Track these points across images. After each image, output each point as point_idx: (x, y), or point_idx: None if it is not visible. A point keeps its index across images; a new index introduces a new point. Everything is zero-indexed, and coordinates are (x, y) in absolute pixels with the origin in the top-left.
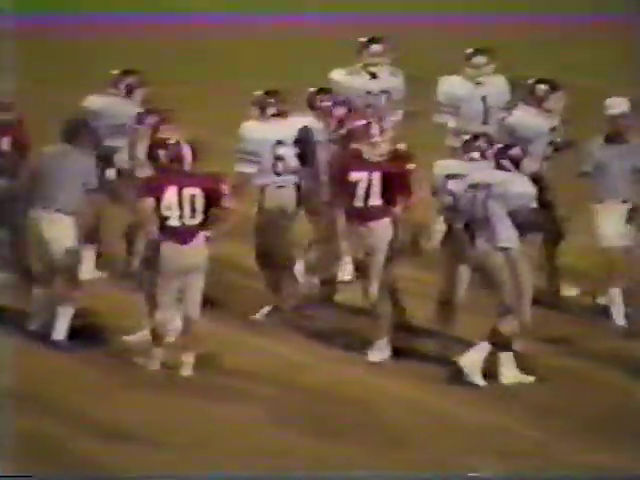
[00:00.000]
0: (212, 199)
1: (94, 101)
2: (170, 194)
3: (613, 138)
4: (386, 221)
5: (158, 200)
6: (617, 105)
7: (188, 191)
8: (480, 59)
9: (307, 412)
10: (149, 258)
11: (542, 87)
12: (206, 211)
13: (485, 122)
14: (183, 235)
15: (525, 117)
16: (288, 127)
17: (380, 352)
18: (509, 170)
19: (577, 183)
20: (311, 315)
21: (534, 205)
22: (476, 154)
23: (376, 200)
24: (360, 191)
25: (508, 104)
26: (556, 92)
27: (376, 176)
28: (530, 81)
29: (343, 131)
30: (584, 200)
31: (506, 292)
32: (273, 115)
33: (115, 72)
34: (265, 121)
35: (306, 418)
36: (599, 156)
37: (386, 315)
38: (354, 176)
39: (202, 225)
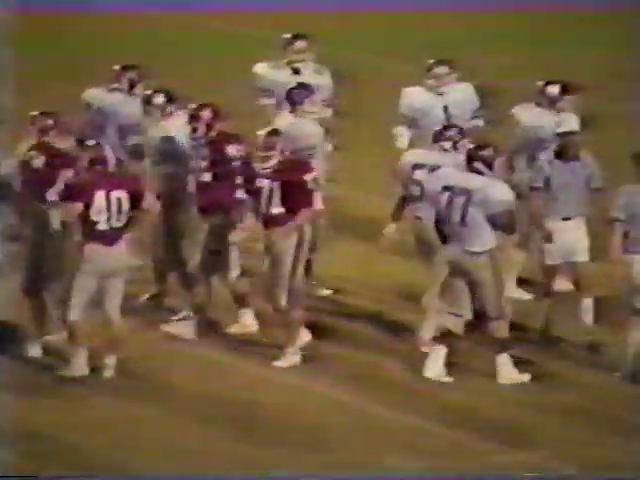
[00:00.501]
0: (134, 201)
1: (98, 97)
2: (99, 198)
3: (563, 154)
4: (290, 226)
5: (87, 205)
6: (567, 122)
7: (115, 194)
8: (441, 69)
9: (228, 414)
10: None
11: (553, 88)
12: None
13: None
14: (109, 238)
15: (539, 118)
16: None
17: (289, 358)
18: (482, 173)
19: None
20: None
21: (512, 208)
22: (447, 144)
23: (278, 207)
24: (263, 197)
25: (478, 111)
26: (568, 95)
27: (277, 185)
28: (540, 82)
29: (213, 134)
30: None
31: (491, 295)
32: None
33: (116, 67)
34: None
35: (227, 420)
36: (548, 172)
37: (296, 321)
38: (258, 183)
39: (125, 227)
